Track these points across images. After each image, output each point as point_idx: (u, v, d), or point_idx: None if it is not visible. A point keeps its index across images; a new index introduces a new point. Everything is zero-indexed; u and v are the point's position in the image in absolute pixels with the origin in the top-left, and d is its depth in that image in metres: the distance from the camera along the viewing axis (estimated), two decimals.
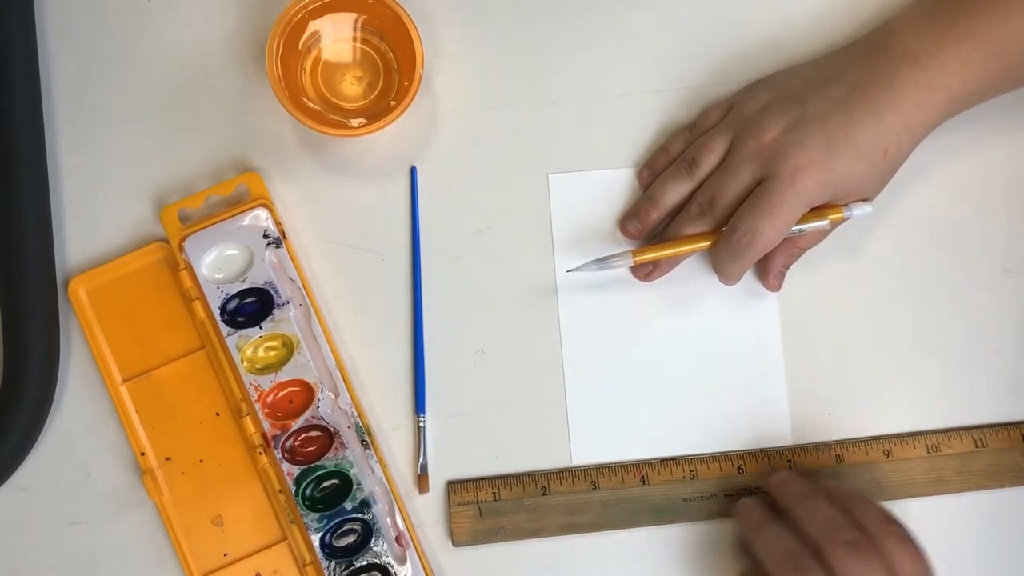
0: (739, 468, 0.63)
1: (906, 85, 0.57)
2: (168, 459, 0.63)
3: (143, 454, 0.62)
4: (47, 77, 0.64)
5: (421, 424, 0.63)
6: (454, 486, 0.62)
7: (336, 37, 0.63)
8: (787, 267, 0.62)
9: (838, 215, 0.59)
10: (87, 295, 0.63)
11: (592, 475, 0.62)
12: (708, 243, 0.60)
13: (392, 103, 0.61)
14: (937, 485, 0.63)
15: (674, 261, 0.62)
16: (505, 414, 0.63)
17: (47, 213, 0.63)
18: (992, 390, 0.64)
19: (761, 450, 0.63)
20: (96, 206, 0.64)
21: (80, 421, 0.63)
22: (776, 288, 0.63)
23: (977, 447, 0.63)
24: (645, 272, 0.63)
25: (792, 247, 0.62)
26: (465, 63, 0.65)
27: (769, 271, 0.62)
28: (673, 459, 0.63)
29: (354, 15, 0.62)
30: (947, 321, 0.64)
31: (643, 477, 0.62)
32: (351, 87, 0.64)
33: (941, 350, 0.64)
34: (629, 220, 0.63)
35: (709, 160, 0.61)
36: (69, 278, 0.63)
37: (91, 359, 0.63)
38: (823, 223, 0.59)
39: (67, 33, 0.65)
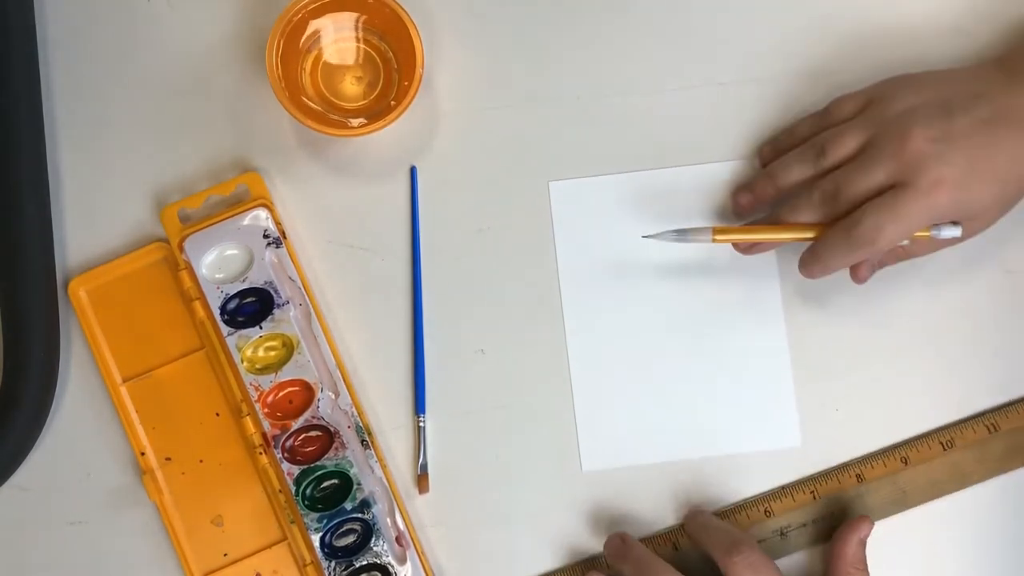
0: (766, 511, 0.63)
1: None
2: (168, 459, 0.63)
3: (143, 454, 0.62)
4: (47, 77, 0.64)
5: (421, 424, 0.63)
6: None
7: (336, 37, 0.63)
8: (883, 266, 0.62)
9: (925, 233, 0.58)
10: (87, 295, 0.63)
11: None
12: (812, 234, 0.59)
13: (392, 103, 0.61)
14: (961, 480, 0.62)
15: (772, 246, 0.62)
16: (505, 414, 0.63)
17: (47, 213, 0.63)
18: (993, 384, 0.64)
19: (783, 487, 0.63)
20: (96, 206, 0.64)
21: (80, 421, 0.63)
22: (863, 281, 0.61)
23: (991, 432, 0.62)
24: (746, 247, 0.62)
25: (897, 259, 0.61)
26: (465, 63, 0.65)
27: (860, 274, 0.61)
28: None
29: (354, 15, 0.62)
30: (947, 321, 0.64)
31: (675, 544, 0.62)
32: (351, 87, 0.64)
33: (941, 350, 0.64)
34: (743, 192, 0.63)
35: (840, 151, 0.59)
36: (69, 278, 0.63)
37: (91, 359, 0.63)
38: (905, 240, 0.58)
39: (67, 33, 0.65)
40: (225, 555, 0.62)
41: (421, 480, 0.63)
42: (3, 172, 0.61)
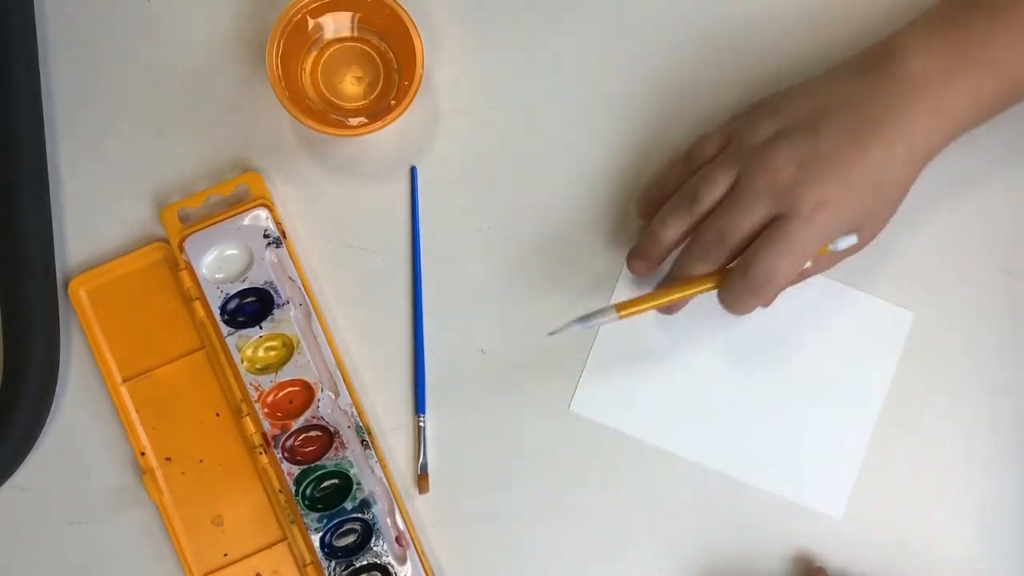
0: None
1: (914, 112, 0.56)
2: (168, 459, 0.63)
3: (143, 454, 0.62)
4: (47, 77, 0.64)
5: (421, 424, 0.63)
6: None
7: (336, 37, 0.63)
8: (783, 289, 0.60)
9: (824, 250, 0.57)
10: (87, 295, 0.63)
11: None
12: (711, 285, 0.58)
13: (392, 103, 0.61)
14: None
15: (683, 300, 0.60)
16: (505, 414, 0.63)
17: (47, 213, 0.63)
18: (993, 384, 0.64)
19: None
20: (96, 206, 0.64)
21: (80, 421, 0.63)
22: (767, 305, 0.60)
23: None
24: (665, 308, 0.60)
25: (799, 279, 0.60)
26: (465, 63, 0.65)
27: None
28: None
29: (354, 14, 0.62)
30: (947, 321, 0.64)
31: None
32: (351, 87, 0.64)
33: (939, 351, 0.64)
34: (635, 259, 0.61)
35: (712, 194, 0.58)
36: (69, 278, 0.63)
37: (91, 359, 0.63)
38: (807, 264, 0.57)
39: (67, 33, 0.65)
40: (225, 555, 0.62)
41: (421, 480, 0.63)
42: (3, 172, 0.61)
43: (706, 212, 0.58)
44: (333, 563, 0.61)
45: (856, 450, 0.63)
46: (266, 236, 0.62)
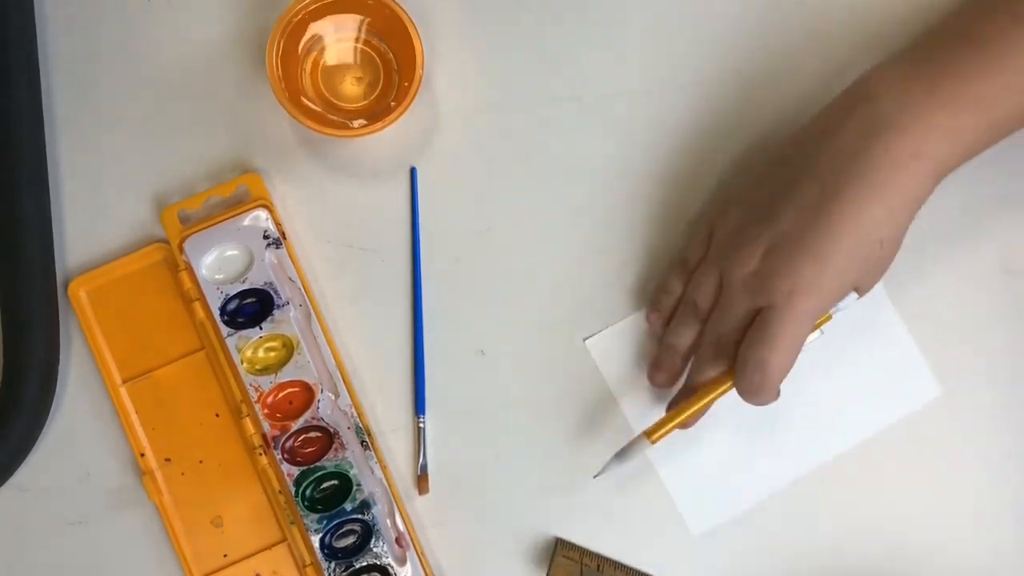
0: None
1: (886, 161, 0.53)
2: (168, 460, 0.63)
3: (143, 455, 0.62)
4: (47, 77, 0.64)
5: (421, 425, 0.63)
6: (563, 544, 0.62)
7: (336, 37, 0.63)
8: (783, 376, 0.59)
9: (827, 319, 0.57)
10: (87, 296, 0.63)
11: None
12: (727, 385, 0.57)
13: (392, 103, 0.61)
14: None
15: (705, 407, 0.60)
16: (505, 414, 0.63)
17: (47, 213, 0.63)
18: (994, 385, 0.64)
19: None
20: (96, 206, 0.64)
21: (80, 421, 0.63)
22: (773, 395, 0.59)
23: None
24: (685, 424, 0.59)
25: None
26: (465, 63, 0.65)
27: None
28: None
29: (354, 16, 0.62)
30: (947, 321, 0.64)
31: None
32: (351, 88, 0.64)
33: (941, 348, 0.64)
34: (656, 373, 0.62)
35: (706, 300, 0.59)
36: (69, 279, 0.63)
37: (91, 359, 0.63)
38: (815, 335, 0.57)
39: (67, 33, 0.65)
40: (225, 556, 0.62)
41: (421, 481, 0.63)
42: (3, 172, 0.61)
43: (706, 316, 0.59)
44: (333, 564, 0.61)
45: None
46: (266, 237, 0.62)
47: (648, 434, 0.58)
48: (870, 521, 0.63)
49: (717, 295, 0.58)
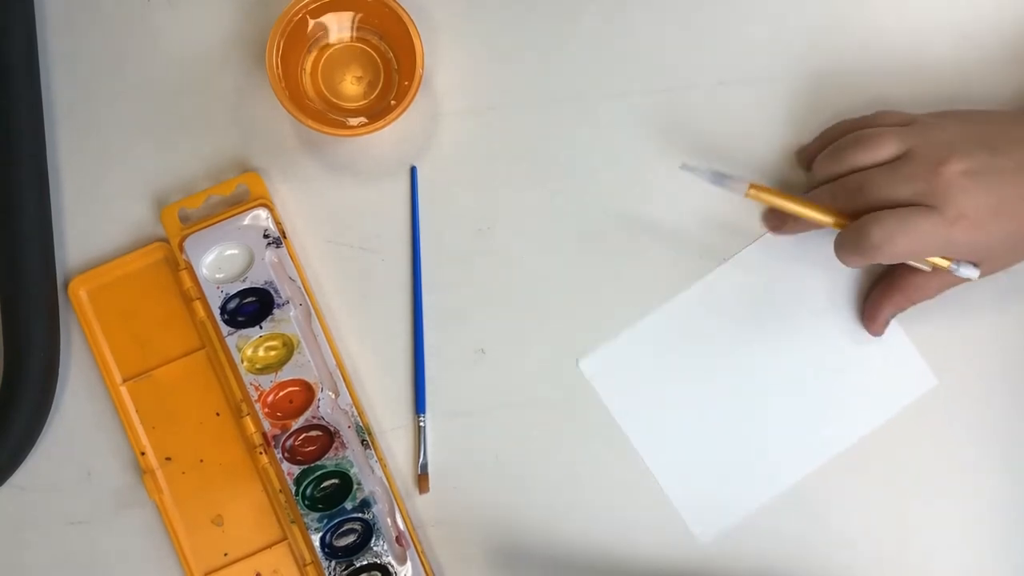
0: None
1: None
2: (168, 459, 0.63)
3: (143, 454, 0.62)
4: (47, 77, 0.64)
5: (421, 424, 0.63)
6: None
7: (336, 37, 0.63)
8: (894, 316, 0.62)
9: (945, 265, 0.58)
10: (87, 295, 0.63)
11: None
12: (831, 221, 0.58)
13: (392, 103, 0.61)
14: None
15: (800, 224, 0.61)
16: (505, 414, 0.63)
17: (47, 213, 0.63)
18: (993, 386, 0.64)
19: None
20: (96, 206, 0.64)
21: (80, 421, 0.63)
22: (880, 334, 0.62)
23: None
24: (774, 224, 0.63)
25: (906, 300, 0.61)
26: (465, 63, 0.65)
27: (876, 318, 0.62)
28: None
29: (354, 14, 0.62)
30: (947, 322, 0.64)
31: None
32: (351, 87, 0.64)
33: (940, 351, 0.64)
34: (804, 153, 0.63)
35: (876, 152, 0.58)
36: (69, 278, 0.63)
37: (91, 359, 0.63)
38: (925, 266, 0.59)
39: (67, 33, 0.65)
40: (225, 555, 0.62)
41: (421, 480, 0.63)
42: (3, 172, 0.61)
43: (861, 166, 0.58)
44: (333, 563, 0.61)
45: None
46: (266, 236, 0.62)
47: (752, 185, 0.58)
48: (878, 516, 0.63)
49: (885, 160, 0.58)
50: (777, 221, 0.63)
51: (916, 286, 0.61)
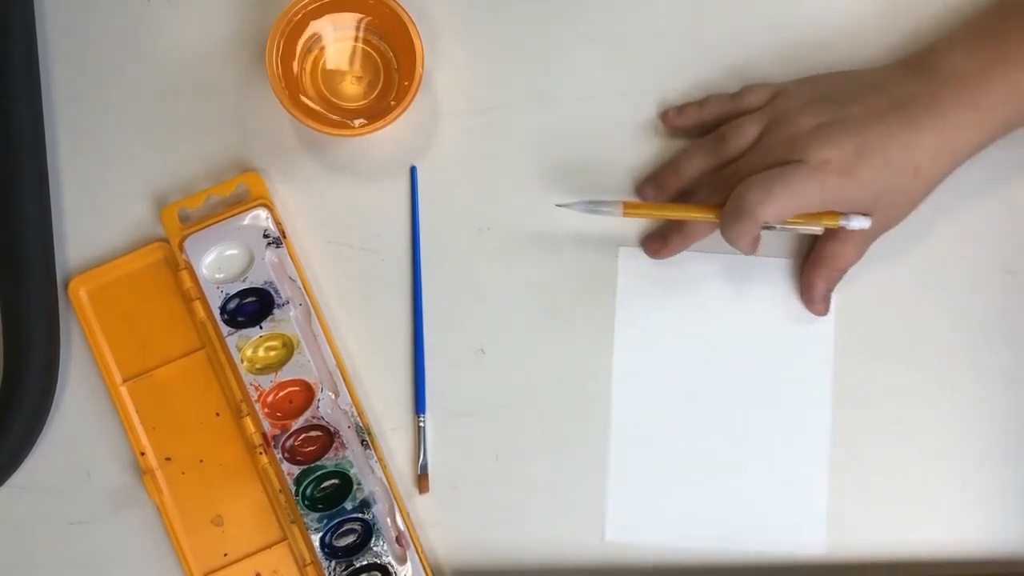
0: None
1: (948, 105, 0.57)
2: (168, 459, 0.63)
3: (143, 454, 0.62)
4: (47, 77, 0.64)
5: (421, 424, 0.63)
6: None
7: (336, 37, 0.63)
8: (830, 291, 0.62)
9: (834, 222, 0.59)
10: (87, 295, 0.63)
11: None
12: (712, 215, 0.59)
13: (392, 103, 0.61)
14: None
15: (684, 240, 0.62)
16: (505, 414, 0.63)
17: (47, 213, 0.63)
18: (993, 385, 0.64)
19: None
20: (96, 206, 0.64)
21: (80, 421, 0.63)
22: (824, 312, 0.63)
23: None
24: (654, 248, 0.63)
25: (832, 270, 0.62)
26: (465, 63, 0.65)
27: (813, 297, 0.62)
28: None
29: (354, 15, 0.62)
30: (947, 322, 0.64)
31: None
32: (351, 87, 0.64)
33: (940, 349, 0.64)
34: (648, 185, 0.63)
35: (740, 141, 0.60)
36: (69, 278, 0.63)
37: (91, 359, 0.63)
38: (816, 228, 0.59)
39: (67, 33, 0.65)
40: (225, 555, 0.62)
41: (421, 480, 0.63)
42: (3, 172, 0.61)
43: (730, 157, 0.61)
44: (333, 563, 0.61)
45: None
46: (266, 236, 0.62)
47: (626, 205, 0.60)
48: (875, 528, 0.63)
49: (750, 146, 0.60)
50: (657, 244, 0.63)
51: (834, 253, 0.61)
